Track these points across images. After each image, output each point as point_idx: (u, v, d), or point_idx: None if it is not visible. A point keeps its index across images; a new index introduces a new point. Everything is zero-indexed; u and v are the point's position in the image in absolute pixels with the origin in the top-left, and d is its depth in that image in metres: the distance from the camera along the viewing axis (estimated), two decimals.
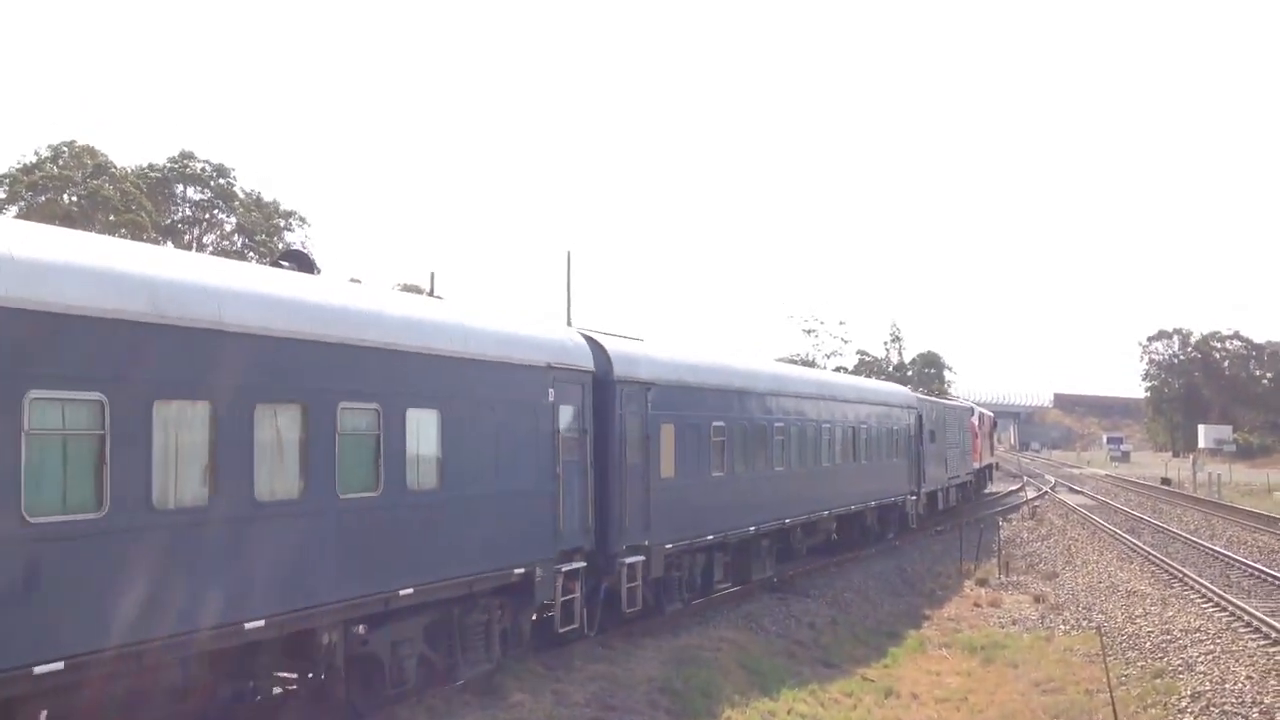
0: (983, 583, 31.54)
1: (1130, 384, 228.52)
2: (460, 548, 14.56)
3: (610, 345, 19.09)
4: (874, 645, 23.03)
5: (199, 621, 10.65)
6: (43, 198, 62.31)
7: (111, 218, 62.47)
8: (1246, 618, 22.81)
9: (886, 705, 18.44)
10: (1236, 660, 19.38)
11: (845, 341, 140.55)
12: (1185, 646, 20.93)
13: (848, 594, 27.34)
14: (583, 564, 17.50)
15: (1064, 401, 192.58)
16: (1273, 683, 17.77)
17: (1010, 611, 27.62)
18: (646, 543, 19.23)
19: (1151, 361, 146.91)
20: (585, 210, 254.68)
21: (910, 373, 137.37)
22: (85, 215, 60.84)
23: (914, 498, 39.05)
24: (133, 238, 57.67)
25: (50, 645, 9.29)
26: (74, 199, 62.98)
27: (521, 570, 15.75)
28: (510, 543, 15.62)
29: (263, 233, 73.52)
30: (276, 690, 13.32)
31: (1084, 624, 24.73)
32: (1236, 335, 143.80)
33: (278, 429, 11.73)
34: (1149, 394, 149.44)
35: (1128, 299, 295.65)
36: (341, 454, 12.45)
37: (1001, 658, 22.29)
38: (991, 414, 72.99)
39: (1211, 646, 20.60)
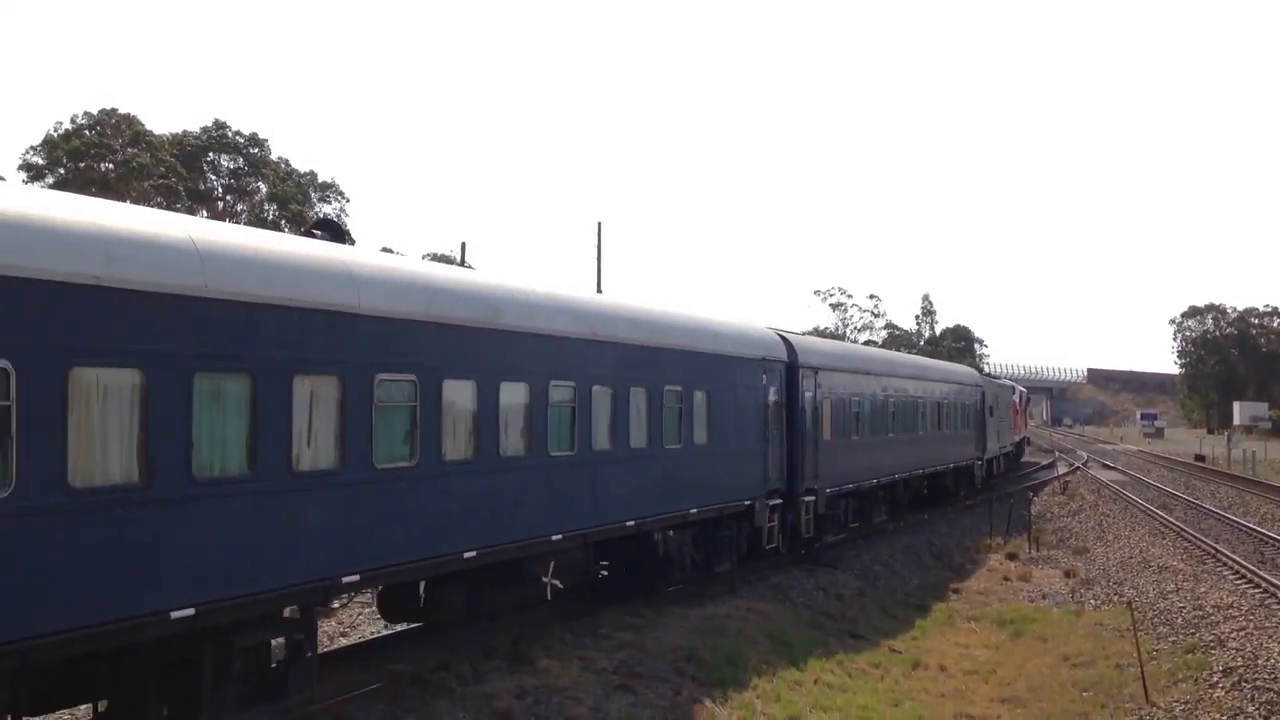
0: (1012, 557, 31.44)
1: (1165, 359, 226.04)
2: (716, 484, 20.99)
3: (794, 340, 26.06)
4: (902, 618, 23.02)
5: (599, 520, 17.15)
6: (81, 164, 62.78)
7: (147, 185, 62.88)
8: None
9: (914, 676, 18.43)
10: (1269, 636, 19.16)
11: (876, 316, 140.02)
12: (1217, 622, 20.75)
13: (876, 567, 27.31)
14: (780, 501, 23.97)
15: (1098, 376, 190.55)
16: None
17: (1040, 586, 27.52)
18: (816, 487, 25.80)
19: (1185, 339, 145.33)
20: (615, 180, 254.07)
21: (941, 347, 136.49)
22: (122, 182, 61.27)
23: (980, 463, 45.19)
24: (167, 205, 58.07)
25: (550, 524, 15.84)
26: (110, 166, 63.40)
27: (748, 502, 22.44)
28: (741, 483, 22.19)
29: (295, 201, 73.84)
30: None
31: (1115, 599, 24.59)
32: (1275, 312, 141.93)
33: (634, 402, 17.97)
34: (1184, 370, 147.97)
35: (1164, 272, 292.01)
36: (664, 419, 18.95)
37: (1030, 631, 22.22)
38: (1025, 390, 73.54)
39: (1244, 623, 20.40)
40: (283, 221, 70.49)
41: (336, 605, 14.99)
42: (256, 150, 74.74)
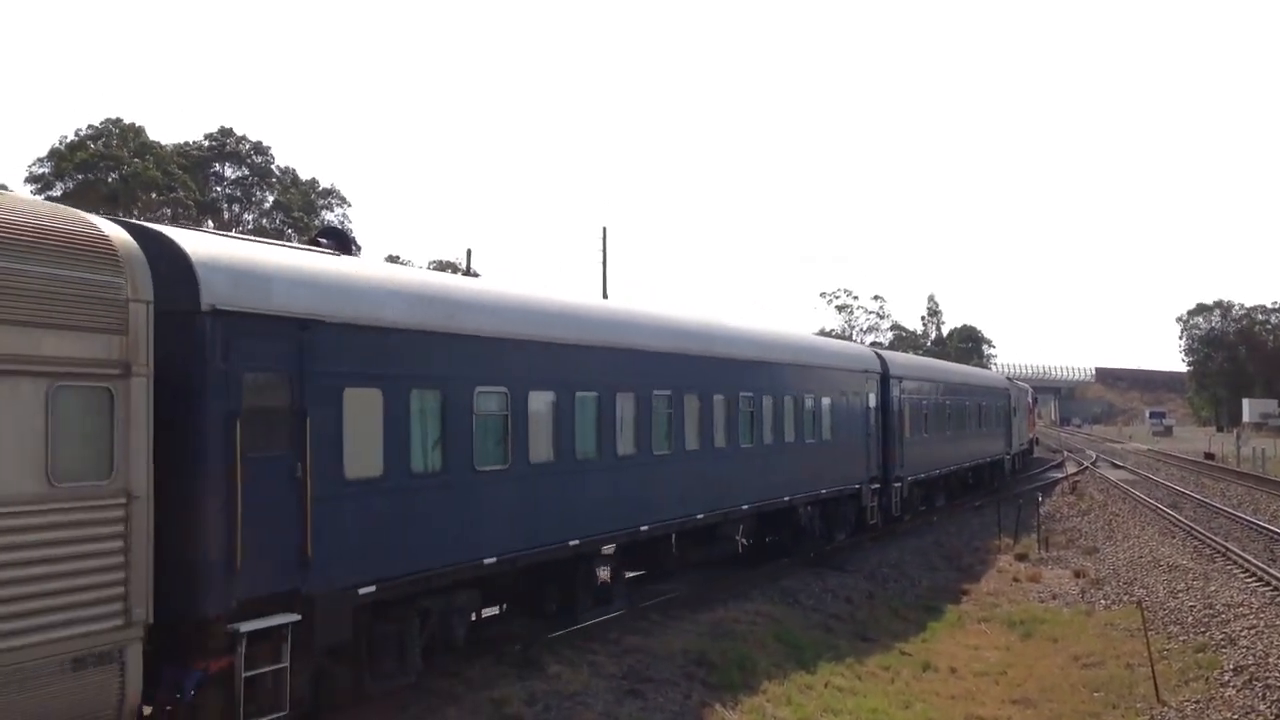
0: (1022, 558, 31.37)
1: (1173, 357, 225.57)
2: (837, 471, 26.92)
3: (885, 355, 32.73)
4: (911, 620, 22.96)
5: (768, 496, 22.88)
6: (90, 176, 62.85)
7: (155, 196, 63.00)
8: None
9: (924, 679, 18.40)
10: None
11: (881, 317, 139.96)
12: (1228, 621, 20.68)
13: (884, 569, 27.25)
14: (877, 485, 29.71)
15: (1106, 375, 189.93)
16: None
17: (1050, 586, 27.45)
18: (902, 475, 31.51)
19: (1193, 336, 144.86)
20: (619, 184, 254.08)
21: (948, 348, 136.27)
22: (128, 193, 61.39)
23: (1008, 457, 51.58)
24: (174, 215, 58.18)
25: (742, 498, 21.84)
26: (115, 178, 63.52)
27: (857, 486, 28.31)
28: (851, 470, 27.94)
29: (299, 209, 73.96)
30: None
31: (1125, 599, 24.52)
32: None
33: (788, 406, 23.84)
34: (1191, 368, 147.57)
35: (1171, 270, 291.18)
36: (803, 419, 24.67)
37: (1041, 632, 22.17)
38: (1033, 391, 74.35)
39: (1254, 621, 20.33)
40: (289, 230, 70.61)
41: (608, 550, 18.60)
42: (261, 159, 74.91)
